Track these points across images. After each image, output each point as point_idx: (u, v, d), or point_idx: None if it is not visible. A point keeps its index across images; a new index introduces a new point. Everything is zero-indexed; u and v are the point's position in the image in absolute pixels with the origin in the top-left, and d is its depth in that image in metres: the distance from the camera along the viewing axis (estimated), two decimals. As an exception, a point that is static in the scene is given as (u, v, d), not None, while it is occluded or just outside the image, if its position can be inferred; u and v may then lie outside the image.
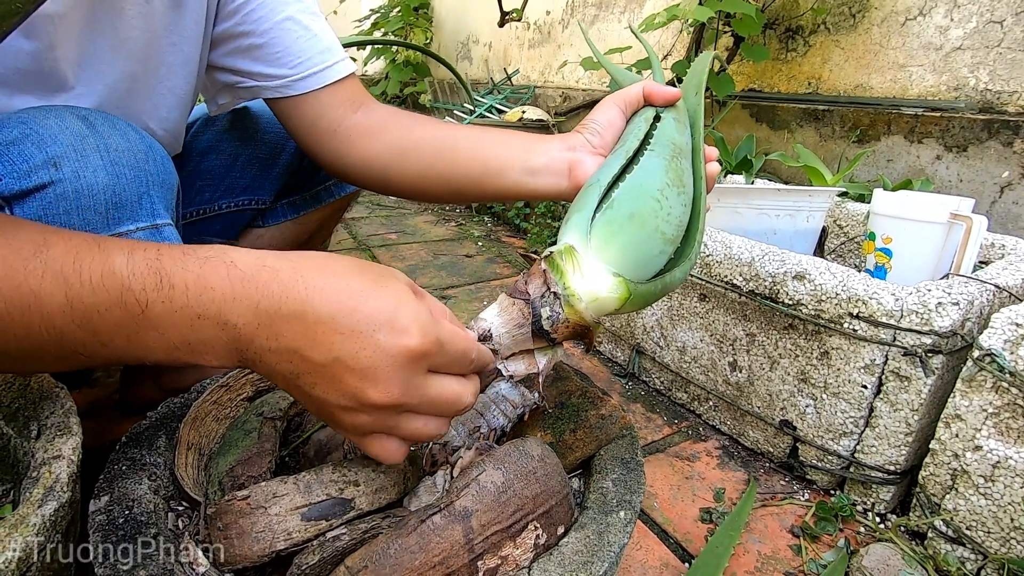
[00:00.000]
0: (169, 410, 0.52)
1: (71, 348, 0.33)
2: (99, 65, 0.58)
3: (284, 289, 0.33)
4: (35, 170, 0.46)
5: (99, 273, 0.32)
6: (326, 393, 0.34)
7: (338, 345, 0.33)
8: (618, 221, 0.43)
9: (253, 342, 0.33)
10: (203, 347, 0.34)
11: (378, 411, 0.34)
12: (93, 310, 0.32)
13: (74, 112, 0.51)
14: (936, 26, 1.29)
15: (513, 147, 0.63)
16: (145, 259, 0.33)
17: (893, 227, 0.87)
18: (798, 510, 0.78)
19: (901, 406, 0.71)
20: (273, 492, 0.37)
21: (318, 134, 0.70)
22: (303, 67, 0.67)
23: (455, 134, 0.67)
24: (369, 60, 3.41)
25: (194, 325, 0.33)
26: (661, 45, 1.88)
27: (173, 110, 0.69)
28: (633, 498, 0.42)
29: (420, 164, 0.67)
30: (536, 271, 0.43)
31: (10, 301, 0.31)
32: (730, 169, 1.37)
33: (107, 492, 0.42)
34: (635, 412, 1.00)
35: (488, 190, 0.64)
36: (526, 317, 0.42)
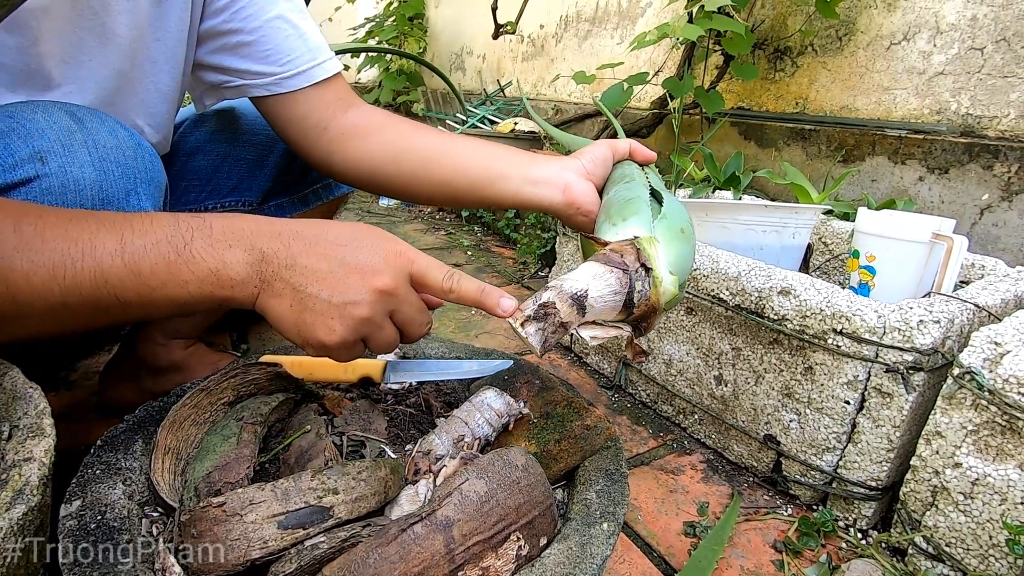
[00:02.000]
0: (147, 413, 0.51)
1: (110, 293, 0.39)
2: (85, 61, 0.57)
3: (303, 225, 0.44)
4: (21, 164, 0.46)
5: (149, 221, 0.40)
6: (332, 295, 0.42)
7: (348, 254, 0.43)
8: (673, 231, 0.49)
9: (273, 261, 0.42)
10: (230, 272, 0.41)
11: (378, 298, 0.43)
12: (141, 250, 0.39)
13: (62, 107, 0.50)
14: (920, 51, 1.32)
15: (515, 160, 0.66)
16: (188, 213, 0.42)
17: (876, 245, 0.88)
18: (781, 525, 0.78)
19: (883, 422, 0.72)
20: (250, 499, 0.36)
21: (307, 132, 0.70)
22: (292, 65, 0.67)
23: (455, 141, 0.69)
24: (363, 68, 3.41)
25: (226, 254, 0.41)
26: (652, 61, 1.91)
27: (160, 106, 0.68)
28: (617, 510, 0.42)
29: (414, 166, 0.68)
30: (629, 248, 0.47)
31: (64, 252, 0.38)
32: (719, 185, 1.39)
33: (79, 496, 0.41)
34: (621, 424, 1.00)
35: (487, 196, 0.66)
36: (624, 285, 0.45)
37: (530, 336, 0.42)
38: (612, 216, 0.52)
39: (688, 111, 1.70)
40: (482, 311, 0.46)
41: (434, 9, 3.36)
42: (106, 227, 0.39)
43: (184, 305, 0.41)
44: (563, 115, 2.33)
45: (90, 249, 0.38)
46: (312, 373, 0.61)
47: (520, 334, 0.42)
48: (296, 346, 0.46)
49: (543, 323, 0.42)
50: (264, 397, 0.51)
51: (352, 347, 0.44)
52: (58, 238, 0.38)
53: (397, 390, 0.61)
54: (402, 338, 0.47)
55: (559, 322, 0.42)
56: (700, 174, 1.48)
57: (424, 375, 0.63)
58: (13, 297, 0.37)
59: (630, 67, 1.90)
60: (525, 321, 0.42)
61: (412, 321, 0.46)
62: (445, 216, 2.47)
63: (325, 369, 0.62)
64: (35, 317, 0.39)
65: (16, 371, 0.43)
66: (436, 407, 0.57)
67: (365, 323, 0.43)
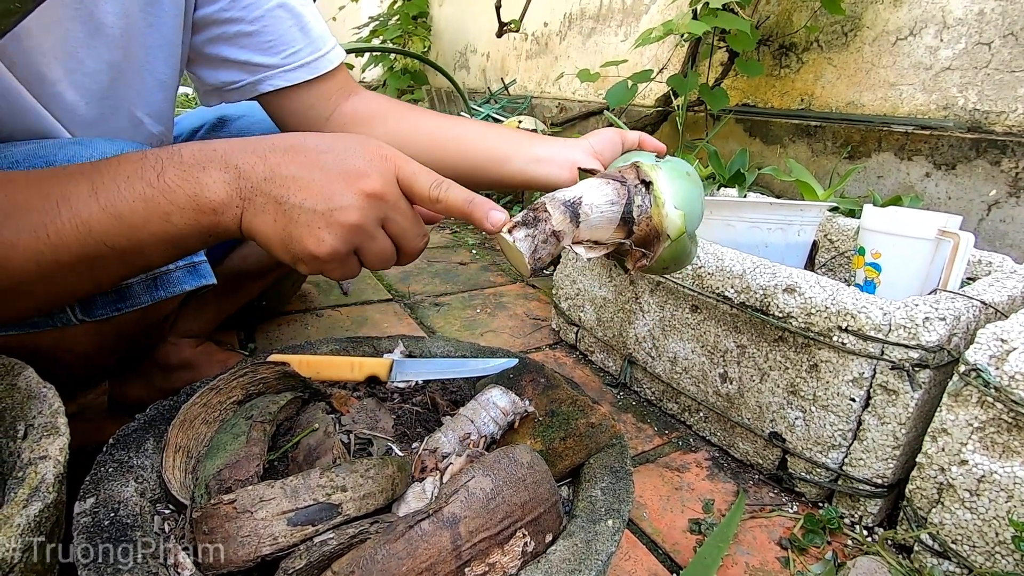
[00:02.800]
0: (158, 412, 0.52)
1: (97, 242, 0.38)
2: (77, 54, 0.56)
3: (279, 137, 0.42)
4: None
5: (116, 161, 0.39)
6: (316, 203, 0.39)
7: (330, 159, 0.41)
8: (678, 171, 0.47)
9: (251, 176, 0.40)
10: (208, 194, 0.39)
11: (367, 202, 0.40)
12: (115, 190, 0.38)
13: (115, 148, 0.51)
14: (926, 46, 1.31)
15: (519, 139, 0.65)
16: (154, 148, 0.40)
17: (882, 242, 0.88)
18: (786, 522, 0.79)
19: (889, 419, 0.72)
20: (260, 496, 0.36)
21: (308, 124, 0.70)
22: (295, 57, 0.66)
23: (459, 122, 0.68)
24: (367, 67, 3.42)
25: (201, 176, 0.39)
26: (657, 59, 1.90)
27: (157, 95, 0.67)
28: (622, 507, 0.43)
29: (418, 150, 0.67)
30: (629, 168, 0.45)
31: (40, 208, 0.37)
32: (723, 182, 1.38)
33: (93, 494, 0.41)
34: (626, 422, 1.00)
35: (493, 177, 0.66)
36: (621, 196, 0.42)
37: (518, 242, 0.38)
38: (615, 165, 0.51)
39: (692, 108, 1.70)
40: (481, 311, 0.45)
41: (438, 8, 3.36)
42: (75, 177, 0.39)
43: (175, 241, 0.40)
44: (568, 113, 2.33)
45: (64, 201, 0.38)
46: (319, 372, 0.62)
47: (507, 241, 0.38)
48: (288, 264, 0.43)
49: (533, 229, 0.38)
50: (273, 396, 0.51)
51: (345, 260, 0.42)
52: (31, 198, 0.37)
53: (403, 388, 0.62)
54: (399, 256, 0.45)
55: (551, 231, 0.39)
56: (705, 171, 1.47)
57: (430, 374, 0.63)
58: (5, 267, 0.37)
59: (634, 64, 1.89)
60: (513, 227, 0.38)
61: (406, 232, 0.43)
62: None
63: (333, 368, 0.62)
64: (36, 284, 0.39)
65: (30, 371, 0.43)
66: (442, 405, 0.57)
67: (356, 231, 0.41)
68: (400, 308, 1.39)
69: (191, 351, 0.92)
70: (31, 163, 0.49)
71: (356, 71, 3.60)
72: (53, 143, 0.52)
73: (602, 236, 0.43)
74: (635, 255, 0.44)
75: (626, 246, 0.44)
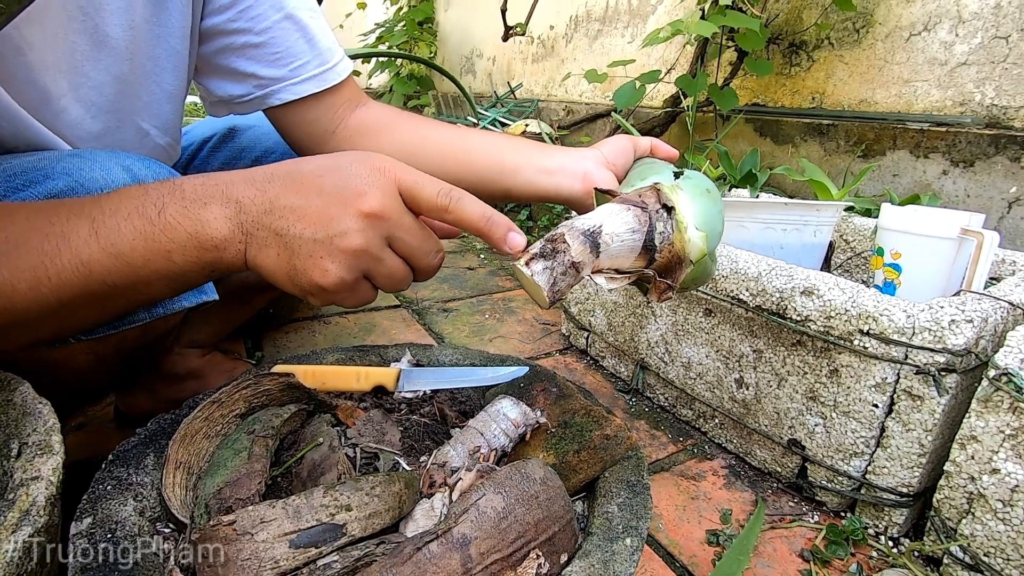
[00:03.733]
0: (159, 427, 0.50)
1: (99, 281, 0.38)
2: (82, 68, 0.55)
3: (278, 165, 0.41)
4: None
5: (117, 197, 0.38)
6: (316, 231, 0.38)
7: (327, 182, 0.39)
8: (699, 188, 0.45)
9: (251, 209, 0.38)
10: (210, 231, 0.38)
11: (368, 223, 0.38)
12: (115, 228, 0.37)
13: (117, 161, 0.51)
14: (941, 41, 1.28)
15: (529, 150, 0.63)
16: (156, 181, 0.40)
17: (902, 242, 0.86)
18: (808, 533, 0.76)
19: (914, 426, 0.69)
20: (260, 517, 0.35)
21: (315, 137, 0.69)
22: (303, 69, 0.65)
23: (469, 135, 0.67)
24: (374, 73, 3.43)
25: (202, 213, 0.38)
26: (664, 59, 1.88)
27: (165, 106, 0.66)
28: (640, 524, 0.40)
29: (429, 162, 0.65)
30: (649, 191, 0.43)
31: (40, 250, 0.36)
32: (735, 183, 1.36)
33: (90, 514, 0.40)
34: (639, 429, 0.98)
35: (502, 189, 0.64)
36: (642, 224, 0.40)
37: (536, 276, 0.36)
38: (631, 181, 0.49)
39: (701, 108, 1.67)
40: (489, 317, 0.44)
41: (443, 13, 3.36)
42: (76, 213, 0.38)
43: (178, 277, 0.39)
44: (575, 115, 2.31)
45: (64, 241, 0.37)
46: (325, 382, 0.60)
47: (525, 274, 0.36)
48: (298, 297, 0.41)
49: (551, 261, 0.36)
50: (276, 409, 0.50)
51: (355, 288, 0.40)
52: (30, 237, 0.37)
53: (411, 399, 0.60)
54: (414, 274, 0.42)
55: (570, 261, 0.36)
56: (715, 172, 1.45)
57: (438, 383, 0.62)
58: (7, 308, 0.37)
59: (641, 65, 1.87)
60: (531, 259, 0.36)
61: (416, 249, 0.40)
62: (457, 219, 2.46)
63: (338, 378, 0.61)
64: (38, 321, 0.39)
65: (26, 386, 0.42)
66: (451, 417, 0.55)
67: (360, 255, 0.38)
68: (408, 314, 1.38)
69: (197, 361, 0.91)
70: (29, 176, 0.48)
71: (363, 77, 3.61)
72: (51, 155, 0.51)
73: (623, 264, 0.41)
74: (659, 287, 0.42)
75: (648, 275, 0.42)
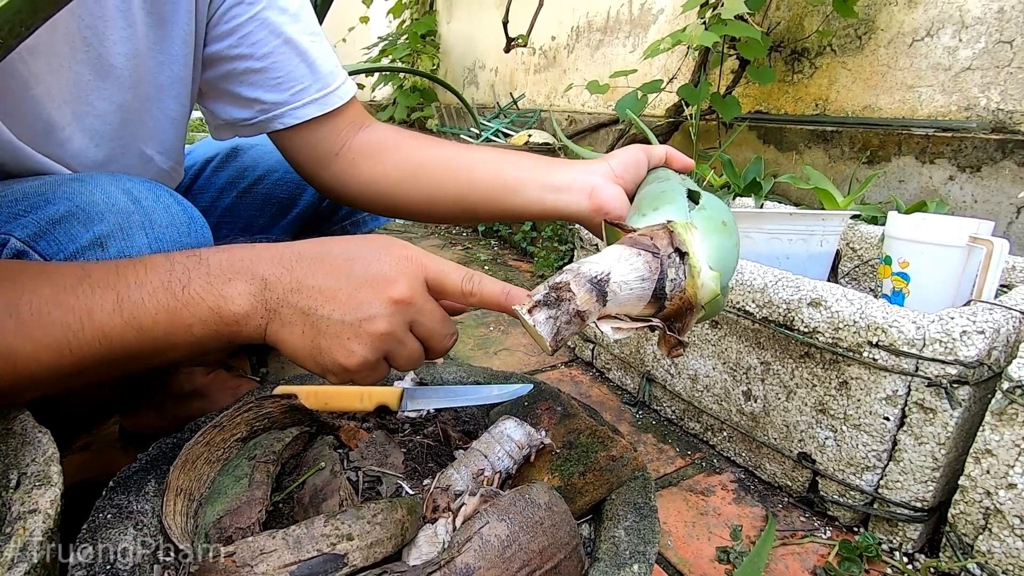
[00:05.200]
0: (160, 451, 0.50)
1: (119, 350, 0.38)
2: (87, 98, 0.56)
3: (306, 245, 0.42)
4: (82, 252, 0.47)
5: (143, 269, 0.39)
6: (344, 314, 0.39)
7: (356, 267, 0.40)
8: (714, 222, 0.43)
9: (277, 287, 0.40)
10: (231, 307, 0.39)
11: (395, 309, 0.40)
12: (139, 303, 0.38)
13: (119, 185, 0.51)
14: (944, 47, 1.27)
15: (534, 166, 0.62)
16: (184, 251, 0.41)
17: (910, 251, 0.85)
18: (820, 549, 0.75)
19: (926, 439, 0.68)
20: (261, 548, 0.34)
21: (318, 159, 0.68)
22: (305, 93, 0.65)
23: (471, 152, 0.66)
24: (377, 86, 3.45)
25: (225, 289, 0.39)
26: (666, 69, 1.88)
27: (168, 131, 0.66)
28: (648, 548, 0.40)
29: (431, 182, 0.65)
30: (661, 231, 0.40)
31: (64, 324, 0.37)
32: (739, 192, 1.35)
33: (89, 543, 0.39)
34: (646, 443, 0.97)
35: (506, 207, 0.63)
36: (653, 271, 0.38)
37: (539, 325, 0.34)
38: (642, 207, 0.46)
39: (704, 117, 1.67)
40: (494, 329, 0.43)
41: (446, 25, 3.38)
42: (100, 284, 0.38)
43: (194, 346, 0.40)
44: (577, 125, 2.32)
45: (88, 316, 0.38)
46: (328, 403, 0.60)
47: (527, 323, 0.34)
48: (316, 375, 0.43)
49: (555, 310, 0.34)
50: (277, 432, 0.49)
51: (375, 367, 0.41)
52: (55, 311, 0.37)
53: (414, 418, 0.59)
54: (427, 353, 0.44)
55: (575, 310, 0.34)
56: (719, 181, 1.44)
57: (442, 402, 0.61)
58: (25, 377, 0.38)
59: (643, 75, 1.88)
60: (534, 307, 0.35)
61: (434, 333, 0.42)
62: (462, 231, 2.46)
63: (341, 399, 0.60)
64: (56, 383, 0.40)
65: (26, 414, 0.42)
66: (454, 437, 0.55)
67: (385, 339, 0.40)
68: (412, 328, 1.37)
69: (202, 379, 0.91)
70: (31, 201, 0.48)
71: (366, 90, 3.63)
72: (53, 180, 0.51)
73: (630, 311, 0.39)
74: (669, 341, 0.40)
75: (657, 324, 0.40)
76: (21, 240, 0.46)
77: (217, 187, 0.85)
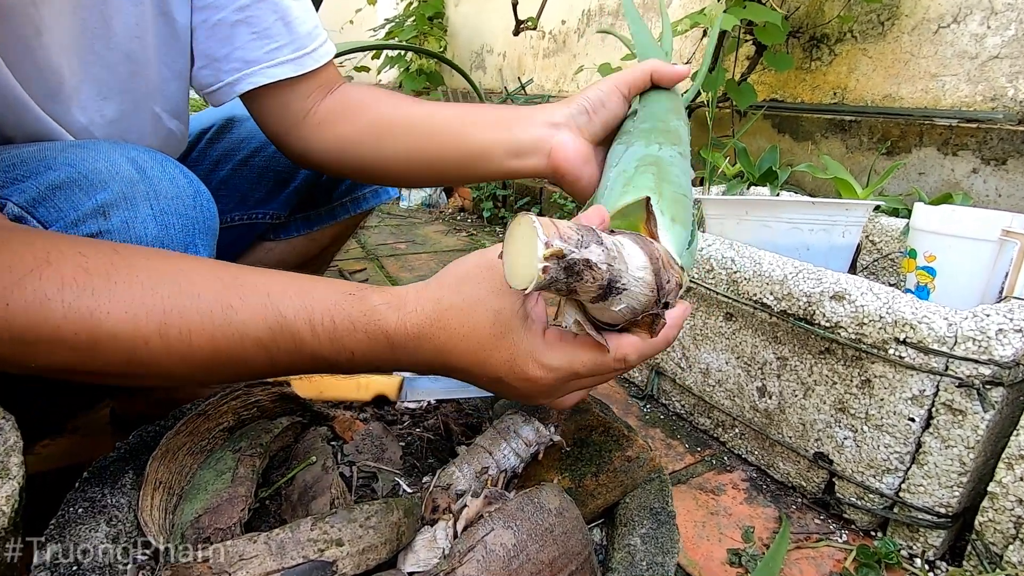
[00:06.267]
0: (141, 440, 0.47)
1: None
2: (93, 46, 0.53)
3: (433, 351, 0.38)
4: (84, 220, 0.44)
5: (294, 349, 0.37)
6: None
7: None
8: (674, 205, 0.40)
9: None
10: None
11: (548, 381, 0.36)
12: (292, 364, 0.38)
13: (123, 153, 0.48)
14: (971, 34, 1.22)
15: (496, 124, 0.60)
16: (328, 336, 0.38)
17: (937, 244, 0.81)
18: (836, 553, 0.71)
19: (954, 442, 0.64)
20: (240, 553, 0.31)
21: (286, 122, 0.65)
22: (278, 53, 0.61)
23: (435, 116, 0.63)
24: (383, 69, 3.39)
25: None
26: (681, 54, 1.83)
27: (174, 89, 0.63)
28: (666, 560, 0.36)
29: (398, 145, 0.63)
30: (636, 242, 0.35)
31: (219, 359, 0.36)
32: (753, 181, 1.31)
33: (57, 541, 0.36)
34: (654, 438, 0.94)
35: (473, 174, 0.62)
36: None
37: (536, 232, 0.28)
38: (609, 199, 0.41)
39: (718, 104, 1.62)
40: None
41: (454, 8, 3.32)
42: (251, 346, 0.37)
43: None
44: (586, 112, 2.26)
45: (242, 363, 0.38)
46: (323, 392, 0.56)
47: (527, 230, 0.28)
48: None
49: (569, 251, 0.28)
50: (266, 423, 0.46)
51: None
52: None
53: (414, 410, 0.56)
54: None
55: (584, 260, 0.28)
56: (732, 170, 1.40)
57: (444, 392, 0.57)
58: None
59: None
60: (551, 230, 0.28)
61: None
62: (467, 217, 2.42)
63: (337, 387, 0.57)
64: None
65: (-9, 399, 0.38)
66: (456, 432, 0.51)
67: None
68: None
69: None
70: (29, 166, 0.46)
71: (372, 73, 3.57)
72: (54, 145, 0.49)
73: (601, 317, 0.34)
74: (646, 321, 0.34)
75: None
76: (19, 205, 0.44)
77: (212, 159, 0.82)
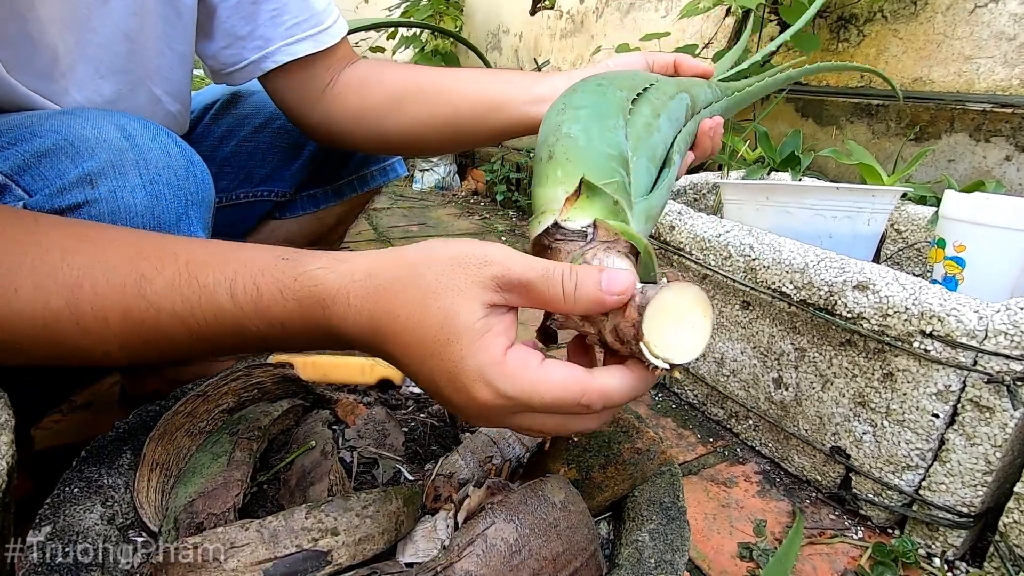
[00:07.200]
0: (141, 420, 0.46)
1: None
2: (89, 22, 0.51)
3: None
4: (70, 188, 0.42)
5: (215, 321, 0.33)
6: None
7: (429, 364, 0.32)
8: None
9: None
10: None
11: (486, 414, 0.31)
12: (215, 337, 0.34)
13: (111, 120, 0.46)
14: (1011, 14, 1.17)
15: (516, 79, 0.61)
16: (252, 304, 0.33)
17: (968, 233, 0.77)
18: (851, 551, 0.69)
19: (980, 440, 0.62)
20: (231, 541, 0.30)
21: (307, 98, 0.65)
22: (298, 29, 0.61)
23: (455, 74, 0.64)
24: (398, 49, 3.35)
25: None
26: (702, 34, 1.78)
27: (176, 69, 0.62)
28: (676, 558, 0.35)
29: (418, 109, 0.63)
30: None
31: (135, 334, 0.33)
32: (774, 166, 1.27)
33: (50, 522, 0.35)
34: (665, 427, 0.92)
35: (493, 126, 0.61)
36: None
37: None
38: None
39: (740, 86, 1.57)
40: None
41: (470, -13, 3.26)
42: (166, 314, 0.33)
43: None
44: (603, 94, 2.21)
45: (159, 333, 0.35)
46: (327, 375, 0.55)
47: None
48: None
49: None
50: (267, 405, 0.45)
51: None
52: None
53: (419, 395, 0.55)
54: None
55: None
56: (753, 155, 1.36)
57: (450, 377, 0.56)
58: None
59: (676, 40, 1.77)
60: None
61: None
62: (480, 200, 2.40)
63: (341, 370, 0.56)
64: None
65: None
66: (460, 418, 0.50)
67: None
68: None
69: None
70: (15, 133, 0.45)
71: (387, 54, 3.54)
72: (40, 113, 0.48)
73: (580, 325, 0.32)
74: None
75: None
76: (2, 173, 0.43)
77: (217, 135, 0.80)
